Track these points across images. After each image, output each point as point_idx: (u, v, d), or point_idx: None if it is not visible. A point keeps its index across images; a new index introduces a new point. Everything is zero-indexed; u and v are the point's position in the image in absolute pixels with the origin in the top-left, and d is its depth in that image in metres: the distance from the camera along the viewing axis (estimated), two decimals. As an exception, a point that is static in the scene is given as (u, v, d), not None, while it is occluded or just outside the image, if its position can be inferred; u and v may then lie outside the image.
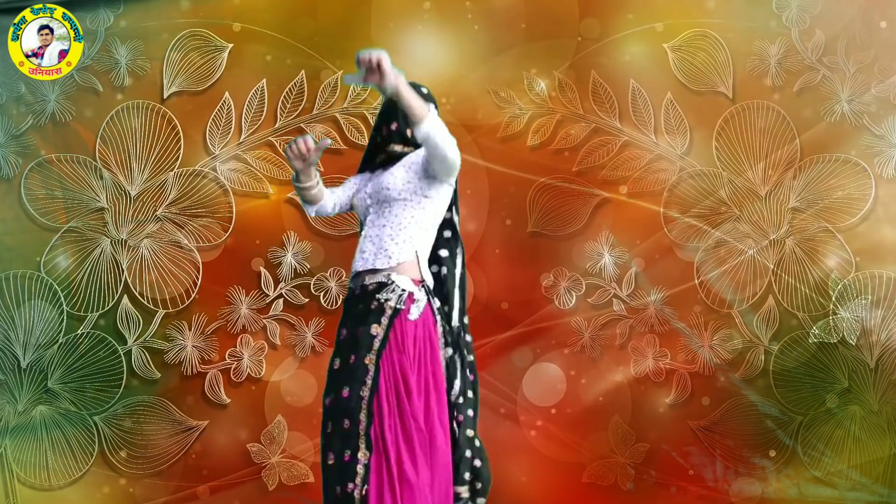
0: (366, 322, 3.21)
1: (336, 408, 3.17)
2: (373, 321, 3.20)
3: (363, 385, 3.15)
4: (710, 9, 4.93)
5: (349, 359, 3.20)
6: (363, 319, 3.22)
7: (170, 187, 4.92)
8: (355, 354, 3.19)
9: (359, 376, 3.15)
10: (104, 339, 4.91)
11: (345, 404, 3.14)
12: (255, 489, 4.93)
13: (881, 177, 4.85)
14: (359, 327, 3.23)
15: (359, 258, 3.33)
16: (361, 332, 3.20)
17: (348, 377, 3.17)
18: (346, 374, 3.18)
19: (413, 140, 3.39)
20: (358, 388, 3.15)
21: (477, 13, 4.94)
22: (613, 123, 4.93)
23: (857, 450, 4.82)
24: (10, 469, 4.88)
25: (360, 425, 3.12)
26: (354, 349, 3.20)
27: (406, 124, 3.39)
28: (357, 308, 3.28)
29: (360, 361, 3.17)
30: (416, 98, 3.09)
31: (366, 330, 3.20)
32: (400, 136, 3.41)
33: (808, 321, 4.86)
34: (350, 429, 3.12)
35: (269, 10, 4.96)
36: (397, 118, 3.41)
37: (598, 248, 4.95)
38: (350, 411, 3.13)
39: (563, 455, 4.93)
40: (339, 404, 3.16)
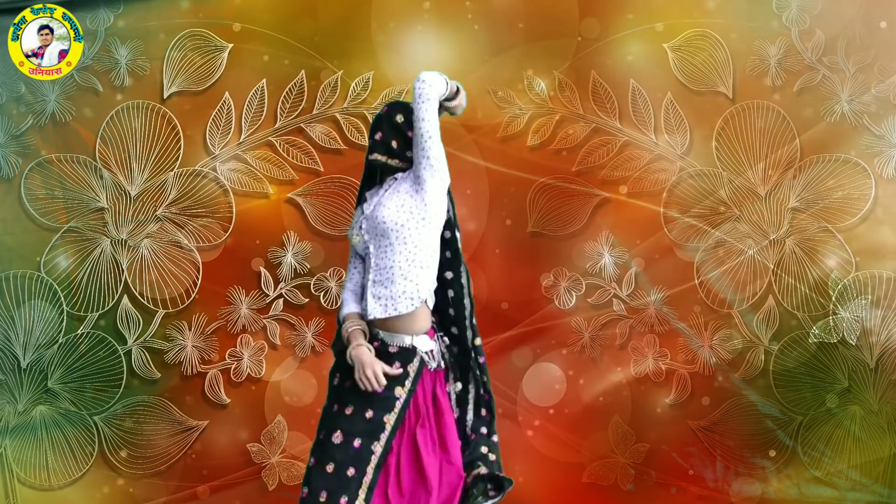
0: (389, 384, 3.23)
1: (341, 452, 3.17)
2: (396, 384, 3.23)
3: (377, 441, 3.18)
4: (710, 9, 4.93)
5: (365, 412, 3.21)
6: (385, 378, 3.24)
7: (170, 187, 4.92)
8: (373, 410, 3.21)
9: (375, 432, 3.19)
10: (104, 339, 4.91)
11: (354, 453, 3.16)
12: (255, 489, 4.93)
13: (881, 177, 4.85)
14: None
15: (374, 305, 3.28)
16: (383, 390, 3.21)
17: (362, 429, 3.19)
18: (359, 426, 3.20)
19: (397, 152, 3.36)
20: (371, 442, 3.18)
21: (477, 13, 4.94)
22: (613, 123, 4.93)
23: (857, 450, 4.83)
24: (10, 469, 4.88)
25: (364, 477, 3.15)
26: (371, 405, 3.21)
27: (391, 136, 3.37)
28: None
29: (379, 419, 3.20)
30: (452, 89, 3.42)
31: (388, 391, 3.22)
32: (384, 146, 3.37)
33: (808, 321, 4.86)
34: (354, 477, 3.14)
35: (269, 10, 4.96)
36: (382, 129, 3.39)
37: (598, 248, 4.95)
38: (359, 461, 3.15)
39: (563, 455, 4.94)
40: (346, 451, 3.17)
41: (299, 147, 4.92)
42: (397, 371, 3.25)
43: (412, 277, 3.27)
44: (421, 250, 3.29)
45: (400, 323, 3.28)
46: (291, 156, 4.93)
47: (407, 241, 3.28)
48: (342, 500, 3.11)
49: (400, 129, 3.37)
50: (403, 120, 3.36)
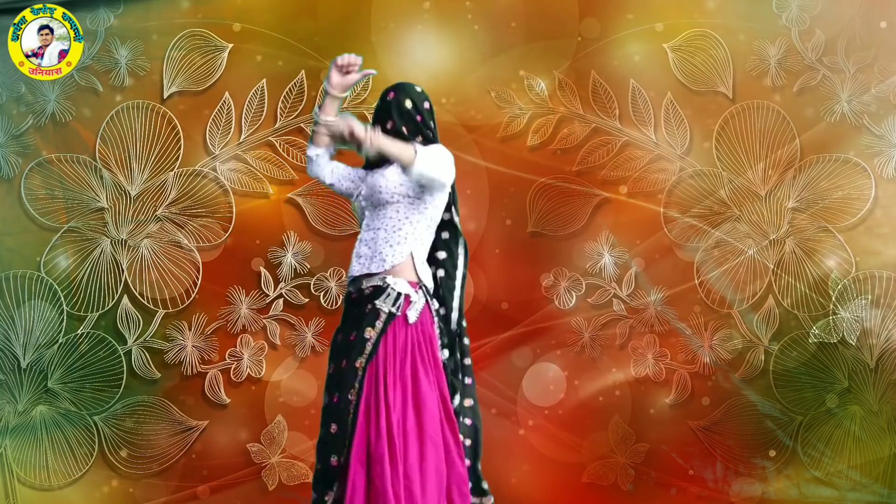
0: (360, 326, 3.21)
1: (326, 412, 3.19)
2: (367, 325, 3.21)
3: (352, 388, 3.16)
4: (710, 9, 4.93)
5: (341, 363, 3.20)
6: (357, 324, 3.23)
7: (170, 187, 4.92)
8: (346, 359, 3.19)
9: (348, 380, 3.16)
10: (104, 339, 4.91)
11: (334, 408, 3.15)
12: (255, 489, 4.93)
13: (881, 177, 4.85)
14: (352, 331, 3.23)
15: (355, 262, 3.33)
16: (355, 336, 3.21)
17: (338, 381, 3.18)
18: (336, 379, 3.19)
19: (408, 138, 3.36)
20: (346, 392, 3.16)
21: (477, 13, 4.94)
22: (613, 123, 4.93)
23: (857, 450, 4.82)
24: (10, 469, 4.88)
25: (347, 430, 3.12)
26: (346, 353, 3.21)
27: (402, 122, 3.38)
28: (353, 312, 3.29)
29: (351, 365, 3.17)
30: (397, 146, 3.18)
31: (359, 334, 3.20)
32: (396, 134, 3.37)
33: (808, 321, 4.86)
34: (338, 432, 3.12)
35: (269, 10, 4.96)
36: (392, 116, 3.40)
37: (598, 248, 4.95)
38: (339, 415, 3.13)
39: (563, 455, 4.93)
40: (329, 409, 3.18)
41: (299, 147, 4.92)
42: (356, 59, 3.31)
43: (393, 244, 3.28)
44: (410, 224, 3.31)
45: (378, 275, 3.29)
46: (291, 156, 4.93)
47: (399, 212, 3.31)
48: (332, 461, 3.11)
49: (410, 115, 3.39)
50: (412, 105, 3.38)
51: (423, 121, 3.41)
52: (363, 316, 3.23)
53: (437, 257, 3.45)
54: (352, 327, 3.25)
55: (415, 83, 3.47)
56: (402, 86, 3.45)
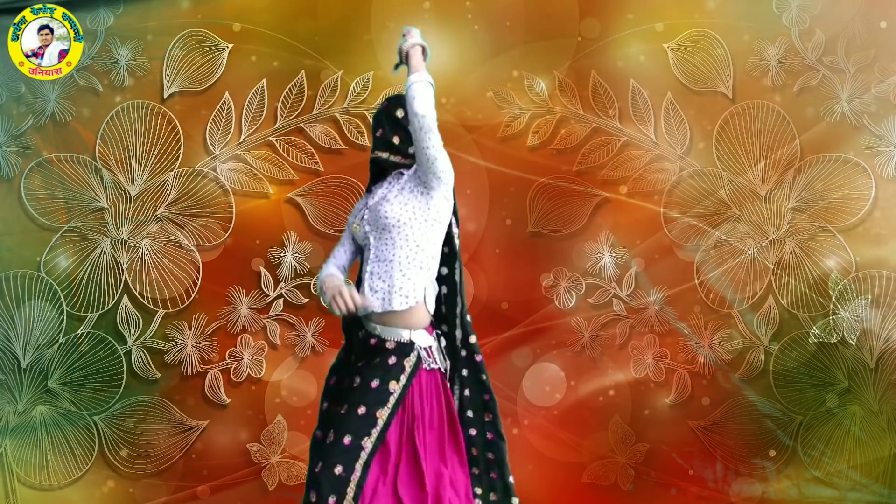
0: (384, 377, 3.20)
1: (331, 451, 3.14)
2: (391, 378, 3.20)
3: (367, 437, 3.13)
4: (710, 9, 4.93)
5: (357, 409, 3.17)
6: (379, 372, 3.21)
7: (170, 187, 4.92)
8: (366, 406, 3.17)
9: (366, 427, 3.14)
10: (104, 339, 4.91)
11: (343, 451, 3.11)
12: (255, 489, 4.93)
13: (881, 177, 4.85)
14: (373, 379, 3.21)
15: (370, 296, 3.27)
16: (377, 385, 3.19)
17: (353, 426, 3.14)
18: (351, 423, 3.15)
19: (399, 148, 3.34)
20: (361, 439, 3.13)
21: (477, 13, 4.94)
22: (613, 123, 4.93)
23: (857, 450, 4.83)
24: (10, 469, 4.88)
25: (353, 474, 3.09)
26: (364, 400, 3.18)
27: (392, 132, 3.36)
28: (373, 360, 3.26)
29: (371, 413, 3.15)
30: (419, 67, 3.23)
31: (382, 385, 3.19)
32: (384, 143, 3.35)
33: (808, 321, 4.86)
34: (342, 475, 3.09)
35: (269, 10, 4.96)
36: (383, 125, 3.37)
37: (598, 248, 4.95)
38: (347, 459, 3.10)
39: (563, 455, 4.93)
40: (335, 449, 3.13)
41: (299, 147, 4.93)
42: (374, 303, 3.23)
43: (410, 275, 3.25)
44: (422, 250, 3.28)
45: (396, 318, 3.27)
46: (291, 156, 4.93)
47: (409, 238, 3.26)
48: (331, 501, 3.07)
49: (401, 125, 3.34)
50: (404, 115, 3.33)
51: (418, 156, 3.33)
52: (385, 366, 3.22)
53: (441, 273, 3.42)
54: (370, 374, 3.22)
55: None
56: (396, 96, 3.42)
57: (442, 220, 3.32)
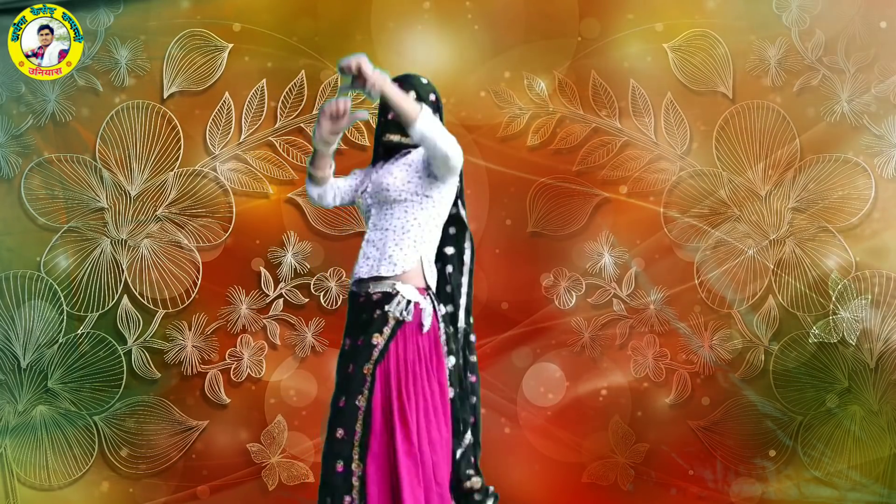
0: (367, 331, 3.19)
1: (333, 418, 3.15)
2: (374, 331, 3.18)
3: (359, 394, 3.13)
4: (710, 9, 4.93)
5: (348, 368, 3.19)
6: (365, 329, 3.21)
7: (170, 187, 4.92)
8: (354, 364, 3.17)
9: (356, 386, 3.13)
10: (104, 339, 4.91)
11: (340, 413, 3.12)
12: (255, 489, 4.93)
13: (881, 177, 4.85)
14: (360, 337, 3.21)
15: (362, 263, 3.28)
16: (363, 341, 3.18)
17: (346, 387, 3.15)
18: (345, 385, 3.17)
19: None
20: (354, 397, 3.12)
21: (477, 13, 4.94)
22: (613, 123, 4.93)
23: (857, 450, 4.82)
24: (10, 469, 4.88)
25: (355, 436, 3.09)
26: (354, 358, 3.19)
27: None
28: (360, 318, 3.26)
29: (359, 371, 3.15)
30: (404, 99, 3.09)
31: (367, 340, 3.18)
32: (396, 125, 3.33)
33: (808, 321, 4.86)
34: (345, 438, 3.09)
35: (269, 10, 4.96)
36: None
37: (598, 248, 4.95)
38: (345, 421, 3.10)
39: (563, 455, 4.93)
40: (335, 414, 3.14)
41: (299, 147, 4.93)
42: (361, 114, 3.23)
43: (403, 247, 3.24)
44: (419, 225, 3.27)
45: (386, 280, 3.25)
46: (291, 156, 4.94)
47: (407, 212, 3.26)
48: (338, 466, 3.07)
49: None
50: (416, 97, 3.31)
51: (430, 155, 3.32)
52: (371, 321, 3.20)
53: (445, 252, 3.42)
54: (359, 332, 3.23)
55: (420, 74, 3.44)
56: (407, 77, 3.40)
57: (444, 200, 3.32)
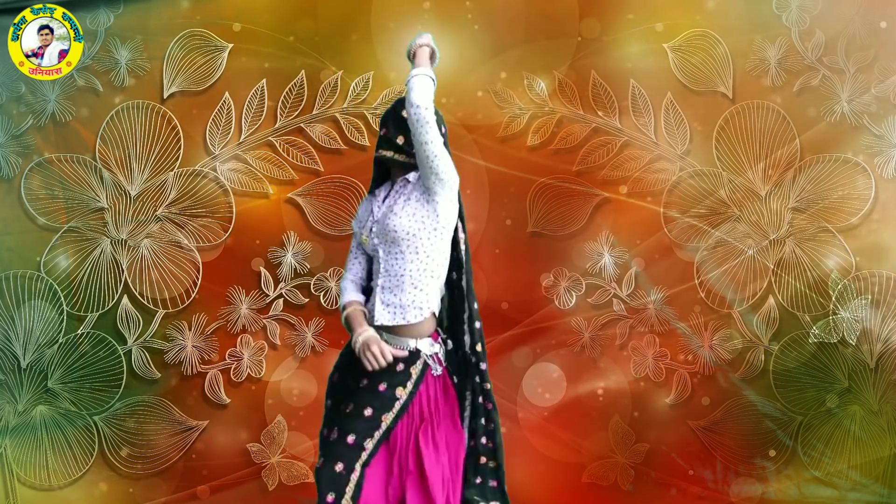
0: (389, 381, 3.24)
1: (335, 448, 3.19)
2: (398, 384, 3.24)
3: (370, 438, 3.19)
4: (710, 9, 4.93)
5: (364, 410, 3.21)
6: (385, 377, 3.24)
7: (170, 187, 4.92)
8: (372, 409, 3.21)
9: (369, 429, 3.20)
10: (104, 339, 4.91)
11: (345, 449, 3.17)
12: (255, 489, 4.93)
13: (881, 177, 4.85)
14: (380, 383, 3.24)
15: (382, 311, 3.29)
16: (384, 389, 3.23)
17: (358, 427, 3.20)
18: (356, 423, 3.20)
19: (403, 148, 3.34)
20: (364, 439, 3.19)
21: (477, 13, 4.94)
22: (613, 123, 4.93)
23: (857, 450, 4.83)
24: (10, 469, 4.88)
25: (353, 474, 3.15)
26: (372, 403, 3.22)
27: (397, 131, 3.35)
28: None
29: (376, 416, 3.21)
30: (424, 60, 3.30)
31: (389, 390, 3.23)
32: (388, 142, 3.35)
33: (808, 321, 4.86)
34: (342, 473, 3.14)
35: (269, 10, 4.96)
36: (388, 124, 3.38)
37: (598, 248, 4.95)
38: (349, 458, 3.16)
39: (563, 455, 4.94)
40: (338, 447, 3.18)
41: (299, 147, 4.93)
42: (402, 353, 3.25)
43: (422, 287, 3.27)
44: (433, 260, 3.28)
45: (406, 328, 3.29)
46: (291, 156, 4.94)
47: (419, 250, 3.27)
48: (329, 498, 3.12)
49: (406, 125, 3.33)
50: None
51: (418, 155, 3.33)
52: (393, 373, 3.25)
53: (451, 277, 3.41)
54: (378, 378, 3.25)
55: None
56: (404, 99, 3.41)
57: (449, 226, 3.32)
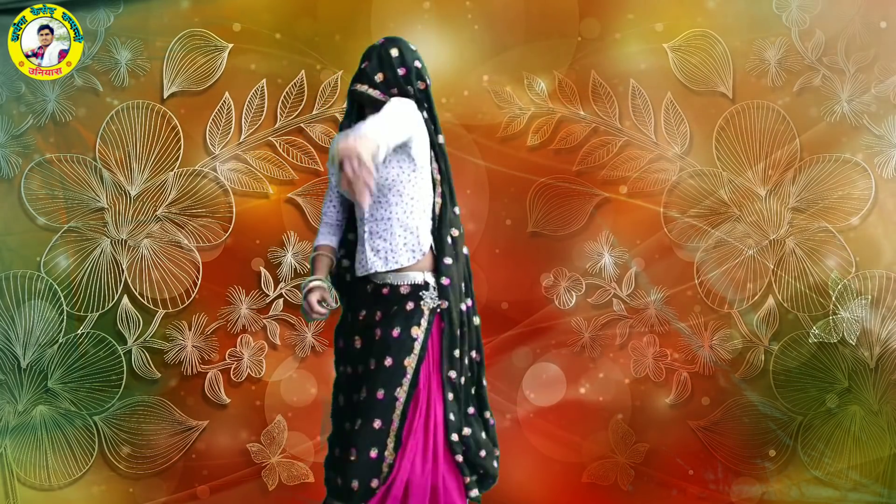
0: (403, 324, 3.19)
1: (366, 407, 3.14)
2: (412, 324, 3.18)
3: (399, 387, 3.14)
4: (710, 9, 4.93)
5: (384, 360, 3.16)
6: (397, 321, 3.20)
7: (170, 187, 4.92)
8: (391, 357, 3.16)
9: (396, 378, 3.14)
10: (104, 339, 4.90)
11: (378, 404, 3.12)
12: (255, 489, 4.93)
13: (881, 177, 4.85)
14: (393, 328, 3.19)
15: (372, 258, 3.25)
16: (398, 333, 3.18)
17: (384, 379, 3.14)
18: (380, 376, 3.15)
19: (380, 85, 3.29)
20: (394, 389, 3.13)
21: (477, 13, 4.94)
22: (613, 123, 4.93)
23: (857, 450, 4.83)
24: (10, 469, 4.88)
25: (392, 425, 3.11)
26: (390, 351, 3.17)
27: (378, 68, 3.29)
28: (390, 309, 3.24)
29: (398, 363, 3.15)
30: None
31: (404, 333, 3.18)
32: (366, 76, 3.29)
33: (808, 321, 4.86)
34: (382, 428, 3.11)
35: (269, 10, 4.96)
36: (371, 58, 3.32)
37: (598, 248, 4.95)
38: (384, 411, 3.12)
39: (563, 455, 4.93)
40: (370, 404, 3.13)
41: (299, 147, 4.93)
42: (322, 311, 3.25)
43: (412, 228, 3.23)
44: (418, 200, 3.25)
45: (404, 270, 3.25)
46: (291, 156, 4.94)
47: (402, 193, 3.23)
48: (372, 454, 3.09)
49: (390, 64, 3.28)
50: (398, 54, 3.28)
51: (406, 75, 3.29)
52: (404, 314, 3.20)
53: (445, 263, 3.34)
54: (389, 324, 3.20)
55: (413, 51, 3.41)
56: (393, 38, 3.37)
57: (427, 163, 3.27)
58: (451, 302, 3.27)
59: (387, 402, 3.12)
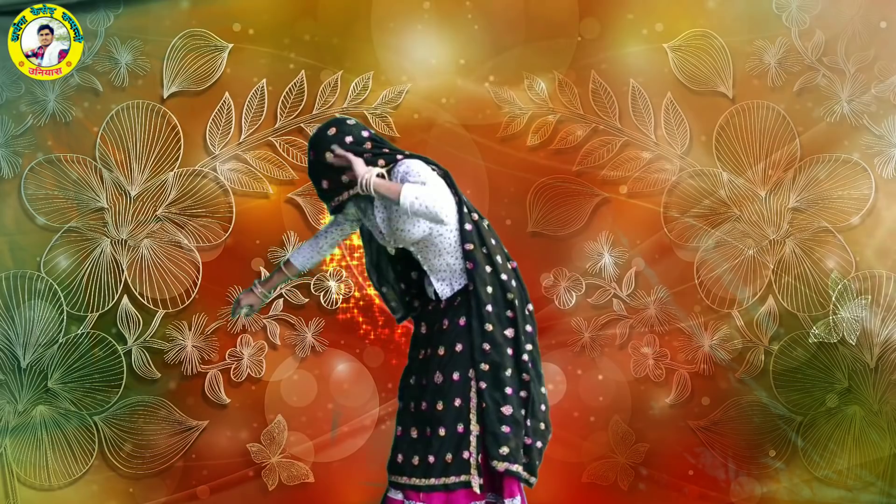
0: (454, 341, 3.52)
1: (444, 389, 3.44)
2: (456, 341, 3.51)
3: (471, 369, 3.46)
4: (710, 9, 4.93)
5: (452, 375, 3.46)
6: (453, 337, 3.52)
7: (170, 187, 4.92)
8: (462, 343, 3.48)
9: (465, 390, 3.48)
10: (104, 339, 4.90)
11: (456, 385, 3.42)
12: (255, 489, 4.93)
13: (881, 177, 4.85)
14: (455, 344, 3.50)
15: (445, 288, 3.55)
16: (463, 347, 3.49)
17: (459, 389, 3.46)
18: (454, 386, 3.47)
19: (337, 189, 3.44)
20: (466, 424, 3.44)
21: (477, 13, 4.94)
22: (613, 123, 4.93)
23: (858, 450, 4.82)
24: (10, 469, 4.88)
25: (471, 402, 3.42)
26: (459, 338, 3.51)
27: (319, 180, 3.45)
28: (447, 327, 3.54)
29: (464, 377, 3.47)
30: (388, 188, 3.26)
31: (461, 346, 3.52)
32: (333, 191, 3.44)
33: (808, 321, 4.86)
34: (462, 405, 3.41)
35: (269, 10, 4.96)
36: (320, 179, 3.46)
37: (598, 248, 4.95)
38: (462, 391, 3.42)
39: (563, 455, 4.93)
40: (448, 386, 3.43)
41: (299, 147, 4.92)
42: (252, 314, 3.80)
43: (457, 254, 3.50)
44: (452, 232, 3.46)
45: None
46: (291, 156, 4.93)
47: (441, 243, 3.47)
48: (459, 428, 3.40)
49: (318, 168, 3.40)
50: (353, 140, 3.37)
51: (373, 147, 3.41)
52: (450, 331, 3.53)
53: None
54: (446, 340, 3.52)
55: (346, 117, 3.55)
56: (337, 121, 3.45)
57: (453, 215, 3.45)
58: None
59: (462, 382, 3.44)
